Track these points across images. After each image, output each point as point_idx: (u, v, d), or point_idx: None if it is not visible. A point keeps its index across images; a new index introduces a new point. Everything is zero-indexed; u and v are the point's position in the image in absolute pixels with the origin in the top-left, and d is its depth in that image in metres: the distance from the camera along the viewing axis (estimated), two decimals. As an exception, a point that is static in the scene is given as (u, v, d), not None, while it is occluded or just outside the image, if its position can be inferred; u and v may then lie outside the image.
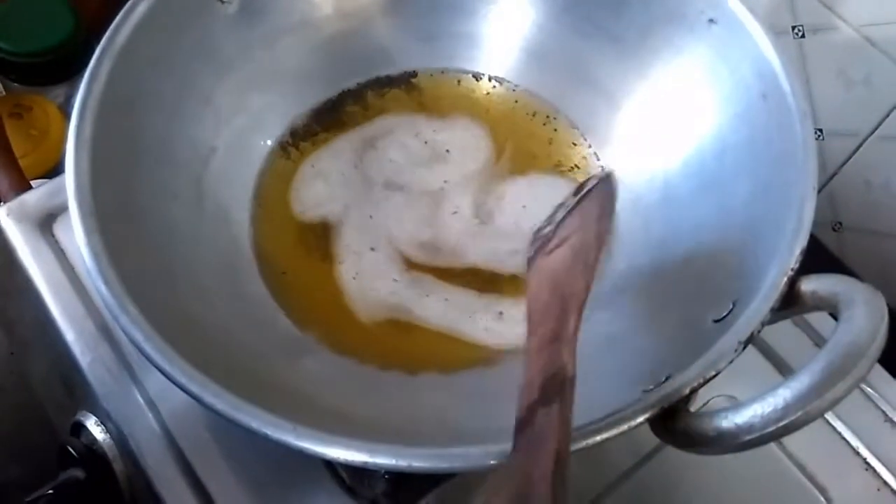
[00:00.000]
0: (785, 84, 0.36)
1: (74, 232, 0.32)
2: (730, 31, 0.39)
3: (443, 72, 0.47)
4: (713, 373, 0.29)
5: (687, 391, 0.28)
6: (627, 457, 0.43)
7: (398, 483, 0.40)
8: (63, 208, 0.42)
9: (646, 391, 0.29)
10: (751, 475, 0.43)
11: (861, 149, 0.55)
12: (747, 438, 0.26)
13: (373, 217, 0.43)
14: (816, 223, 0.32)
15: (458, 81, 0.47)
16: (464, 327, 0.40)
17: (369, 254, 0.42)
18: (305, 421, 0.28)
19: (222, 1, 0.42)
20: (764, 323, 0.30)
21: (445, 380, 0.38)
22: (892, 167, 0.54)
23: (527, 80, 0.47)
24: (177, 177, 0.40)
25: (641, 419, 0.28)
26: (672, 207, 0.40)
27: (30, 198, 0.46)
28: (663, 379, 0.29)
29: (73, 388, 0.43)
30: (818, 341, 0.47)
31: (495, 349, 0.40)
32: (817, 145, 0.34)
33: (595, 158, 0.45)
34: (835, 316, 0.28)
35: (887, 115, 0.52)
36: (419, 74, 0.47)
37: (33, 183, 0.53)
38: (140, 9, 0.38)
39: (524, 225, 0.42)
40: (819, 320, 0.47)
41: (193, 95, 0.41)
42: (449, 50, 0.47)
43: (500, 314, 0.40)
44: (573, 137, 0.46)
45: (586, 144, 0.45)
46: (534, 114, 0.46)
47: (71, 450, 0.41)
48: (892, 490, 0.44)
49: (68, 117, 0.35)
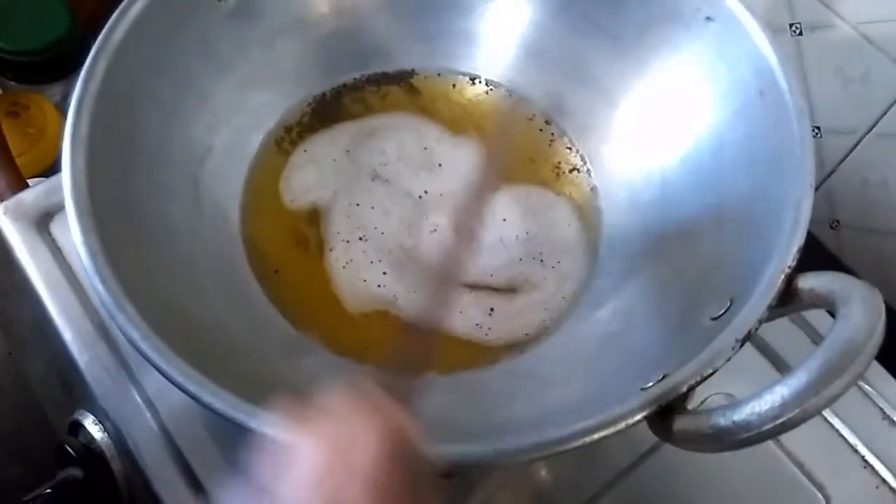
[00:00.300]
0: (782, 81, 0.36)
1: (71, 231, 0.32)
2: (727, 29, 0.39)
3: (439, 74, 0.47)
4: (710, 370, 0.29)
5: (684, 389, 0.28)
6: (625, 455, 0.43)
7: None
8: (60, 207, 0.42)
9: (643, 389, 0.29)
10: (749, 473, 0.43)
11: (858, 147, 0.55)
12: (745, 436, 0.26)
13: (359, 205, 0.43)
14: (814, 221, 0.32)
15: (454, 85, 0.47)
16: (454, 323, 0.40)
17: (358, 243, 0.42)
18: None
19: (219, -1, 0.42)
20: (761, 320, 0.30)
21: (443, 381, 0.38)
22: (890, 165, 0.54)
23: (524, 79, 0.47)
24: (174, 175, 0.40)
25: (639, 417, 0.28)
26: (670, 205, 0.40)
27: (27, 196, 0.46)
28: (661, 377, 0.30)
29: (71, 388, 0.43)
30: (816, 339, 0.47)
31: (485, 346, 0.39)
32: (815, 143, 0.34)
33: (593, 158, 0.45)
34: (832, 313, 0.28)
35: (885, 113, 0.52)
36: (417, 74, 0.47)
37: (30, 182, 0.53)
38: (136, 6, 0.38)
39: (507, 238, 0.42)
40: (817, 318, 0.47)
41: (190, 94, 0.41)
42: (446, 48, 0.47)
43: (491, 310, 0.40)
44: (572, 138, 0.46)
45: (585, 145, 0.45)
46: (532, 116, 0.46)
47: (69, 449, 0.40)
48: (891, 487, 0.44)
49: (65, 116, 0.35)
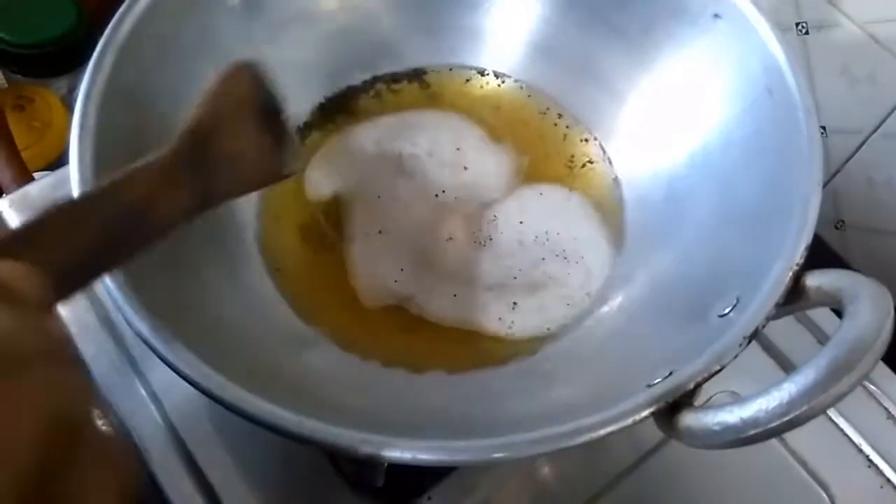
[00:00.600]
0: (790, 79, 0.36)
1: (78, 224, 0.32)
2: (735, 26, 0.39)
3: (451, 69, 0.47)
4: (718, 367, 0.29)
5: (691, 386, 0.28)
6: (628, 453, 0.43)
7: (401, 477, 0.40)
8: (66, 200, 0.42)
9: (650, 386, 0.29)
10: (754, 472, 0.43)
11: (864, 146, 0.55)
12: (752, 433, 0.26)
13: (381, 198, 0.43)
14: (819, 221, 0.32)
15: (467, 80, 0.47)
16: (475, 319, 0.40)
17: (377, 236, 0.42)
18: (310, 413, 0.28)
19: (226, -7, 0.42)
20: (768, 318, 0.30)
21: (452, 379, 0.38)
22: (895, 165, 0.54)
23: (532, 75, 0.47)
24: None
25: (646, 413, 0.28)
26: (677, 202, 0.40)
27: (32, 190, 0.46)
28: (668, 374, 0.29)
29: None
30: (821, 338, 0.47)
31: (510, 340, 0.39)
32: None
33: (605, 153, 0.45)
34: (839, 312, 0.28)
35: (890, 113, 0.52)
36: (429, 72, 0.47)
37: (36, 175, 0.53)
38: (143, 1, 0.37)
39: (526, 240, 0.42)
40: (822, 318, 0.47)
41: (197, 87, 0.41)
42: (454, 44, 0.47)
43: (514, 304, 0.40)
44: (584, 132, 0.46)
45: (597, 139, 0.45)
46: (546, 109, 0.46)
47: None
48: (895, 487, 0.44)
49: (71, 109, 0.35)
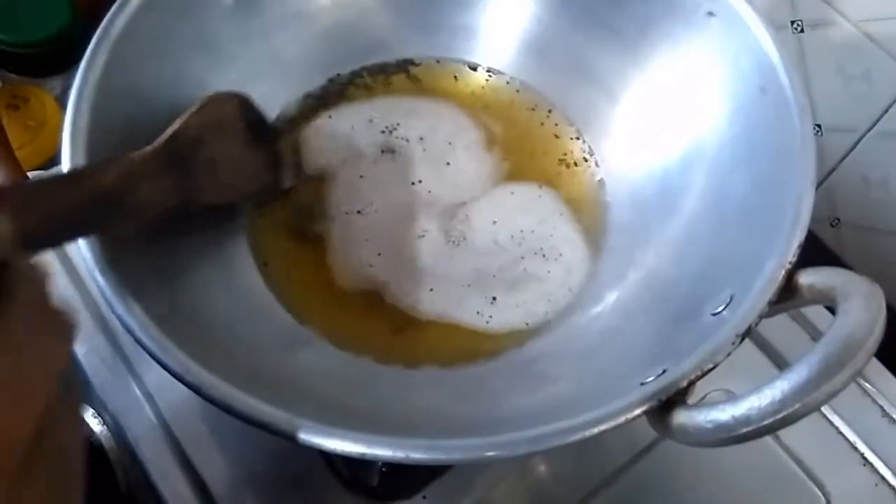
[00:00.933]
0: (784, 77, 0.36)
1: (71, 222, 0.32)
2: (728, 24, 0.39)
3: (438, 61, 0.47)
4: (711, 365, 0.29)
5: (684, 384, 0.28)
6: (623, 451, 0.43)
7: (395, 476, 0.40)
8: (59, 199, 0.42)
9: (643, 384, 0.29)
10: (748, 470, 0.43)
11: (859, 145, 0.55)
12: (744, 431, 0.26)
13: (363, 178, 0.43)
14: (814, 219, 0.32)
15: (455, 77, 0.47)
16: (453, 312, 0.40)
17: (356, 216, 0.42)
18: (302, 412, 0.28)
19: (219, -10, 0.42)
20: (762, 316, 0.30)
21: (441, 374, 0.38)
22: (891, 163, 0.54)
23: (524, 73, 0.47)
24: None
25: (639, 412, 0.28)
26: (670, 200, 0.40)
27: (26, 189, 0.46)
28: (661, 372, 0.29)
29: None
30: (815, 336, 0.47)
31: (488, 334, 0.39)
32: (815, 141, 0.34)
33: (597, 151, 0.45)
34: (832, 309, 0.28)
35: (886, 111, 0.52)
36: (420, 64, 0.47)
37: (31, 174, 0.53)
38: (136, -2, 0.38)
39: (501, 239, 0.42)
40: (816, 315, 0.47)
41: (191, 85, 0.41)
42: (447, 41, 0.47)
43: (494, 299, 0.40)
44: (574, 131, 0.46)
45: (585, 141, 0.45)
46: (534, 107, 0.46)
47: (67, 441, 0.40)
48: (890, 485, 0.44)
49: (65, 108, 0.35)
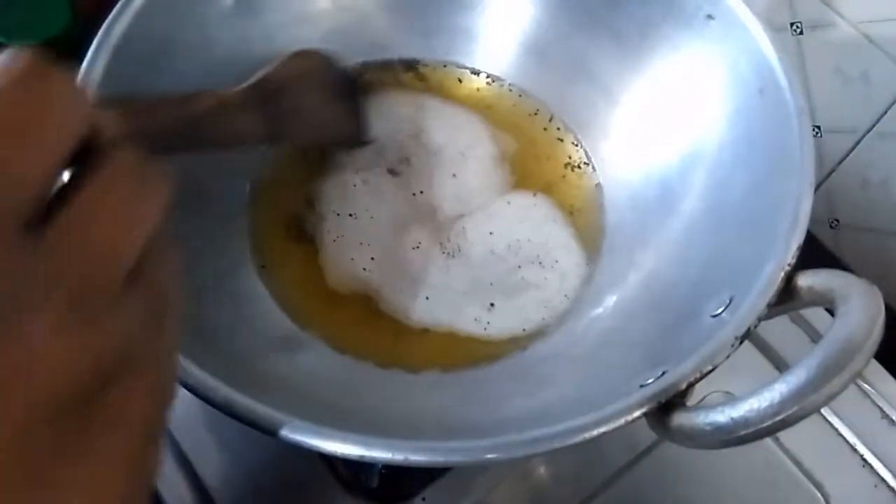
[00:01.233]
0: (782, 80, 0.36)
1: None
2: (728, 27, 0.39)
3: (445, 65, 0.47)
4: (710, 367, 0.29)
5: (684, 386, 0.28)
6: (623, 453, 0.43)
7: (395, 478, 0.40)
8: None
9: (643, 386, 0.29)
10: (748, 471, 0.43)
11: (858, 146, 0.55)
12: (743, 433, 0.26)
13: (366, 182, 0.43)
14: (813, 220, 0.32)
15: (460, 80, 0.47)
16: (452, 320, 0.40)
17: (348, 219, 0.42)
18: (301, 415, 0.28)
19: (220, -6, 0.42)
20: (761, 318, 0.30)
21: (441, 379, 0.38)
22: (890, 165, 0.54)
23: (524, 76, 0.47)
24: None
25: (638, 414, 0.28)
26: (669, 203, 0.40)
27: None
28: (660, 373, 0.29)
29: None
30: (815, 337, 0.47)
31: (487, 339, 0.39)
32: (815, 142, 0.34)
33: (595, 155, 0.45)
34: (831, 311, 0.28)
35: (885, 113, 0.52)
36: (425, 65, 0.47)
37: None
38: (137, 1, 0.37)
39: (498, 249, 0.42)
40: (816, 317, 0.47)
41: (191, 89, 0.41)
42: (447, 45, 0.47)
43: (492, 305, 0.40)
44: (577, 134, 0.46)
45: (586, 142, 0.45)
46: (536, 111, 0.46)
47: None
48: (889, 486, 0.44)
49: (64, 110, 0.35)
